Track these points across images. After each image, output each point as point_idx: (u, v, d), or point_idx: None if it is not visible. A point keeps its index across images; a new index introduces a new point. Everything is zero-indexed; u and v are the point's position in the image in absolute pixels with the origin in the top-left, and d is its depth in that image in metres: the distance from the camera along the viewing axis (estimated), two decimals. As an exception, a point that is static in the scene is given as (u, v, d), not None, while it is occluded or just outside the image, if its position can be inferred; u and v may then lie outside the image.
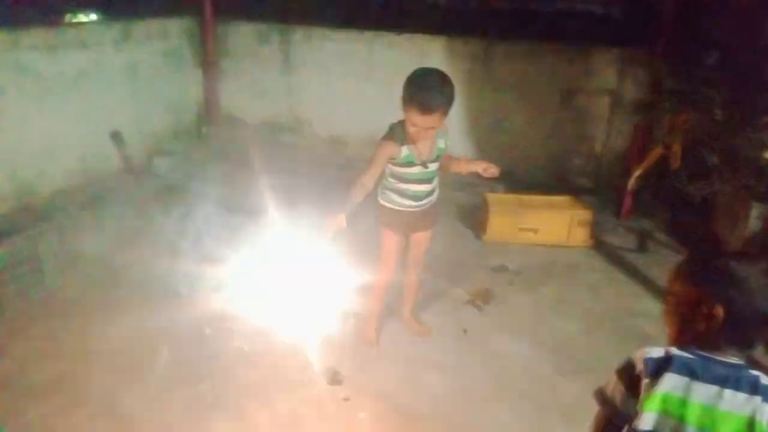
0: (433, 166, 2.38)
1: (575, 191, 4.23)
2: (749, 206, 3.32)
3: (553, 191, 4.17)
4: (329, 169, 4.97)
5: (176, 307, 2.93)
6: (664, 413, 1.22)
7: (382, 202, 2.51)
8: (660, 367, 1.23)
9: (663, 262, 3.68)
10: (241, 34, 5.18)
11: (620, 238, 3.99)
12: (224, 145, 5.14)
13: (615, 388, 1.32)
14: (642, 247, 3.92)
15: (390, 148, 2.30)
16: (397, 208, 2.45)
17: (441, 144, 2.38)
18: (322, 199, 4.23)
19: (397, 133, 2.32)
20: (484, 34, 4.56)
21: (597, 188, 4.61)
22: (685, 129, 3.58)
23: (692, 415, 1.19)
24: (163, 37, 4.84)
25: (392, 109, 4.86)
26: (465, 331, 2.88)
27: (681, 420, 1.20)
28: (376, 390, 2.45)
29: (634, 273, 3.55)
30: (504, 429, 2.28)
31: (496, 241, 3.81)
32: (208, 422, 2.25)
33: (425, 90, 2.16)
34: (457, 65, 4.69)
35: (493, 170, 2.41)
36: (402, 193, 2.42)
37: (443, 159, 2.44)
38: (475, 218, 4.10)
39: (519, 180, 4.49)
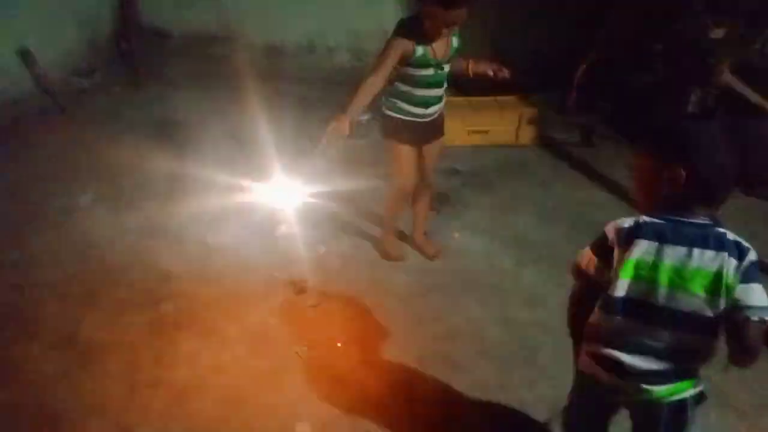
0: (447, 68, 2.21)
1: (521, 89, 4.21)
2: (690, 91, 3.40)
3: (500, 91, 4.12)
4: (270, 81, 4.70)
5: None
6: (637, 278, 1.26)
7: (388, 112, 2.32)
8: (631, 236, 1.26)
9: (607, 155, 3.79)
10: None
11: (566, 134, 4.05)
12: (148, 60, 4.72)
13: (589, 261, 1.36)
14: (587, 142, 4.01)
15: (403, 46, 2.08)
16: (406, 118, 2.28)
17: (455, 42, 2.20)
18: (272, 115, 4.11)
19: (411, 30, 2.09)
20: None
21: (541, 85, 4.60)
22: (627, 17, 3.58)
23: (664, 276, 1.24)
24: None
25: (331, 14, 4.67)
26: (425, 233, 2.89)
27: (653, 282, 1.25)
28: (343, 295, 2.45)
29: (581, 167, 3.64)
30: (473, 318, 2.35)
31: (447, 145, 3.76)
32: (175, 340, 2.19)
33: None
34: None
35: (504, 72, 2.24)
36: (411, 100, 2.24)
37: (453, 61, 2.25)
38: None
39: (468, 85, 4.40)
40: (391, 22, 4.68)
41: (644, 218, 1.28)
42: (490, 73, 2.24)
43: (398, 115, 2.29)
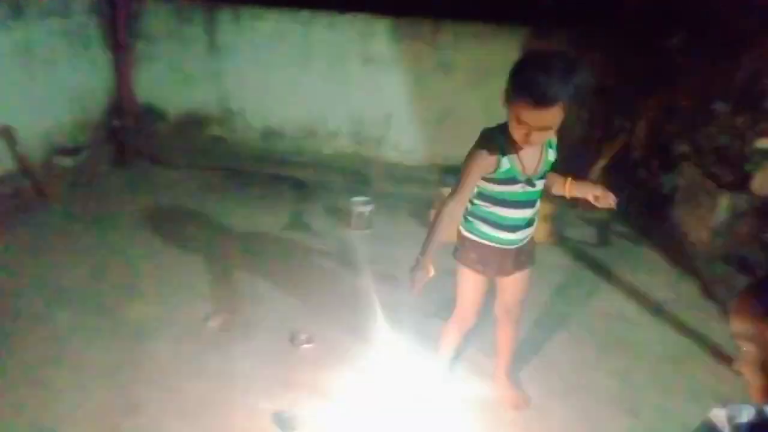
0: (540, 185, 1.85)
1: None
2: (716, 195, 3.18)
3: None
4: (266, 166, 4.49)
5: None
6: None
7: (465, 233, 1.96)
8: None
9: (625, 256, 3.53)
10: (158, 13, 4.53)
11: (580, 231, 3.80)
12: (140, 139, 4.51)
13: None
14: (603, 241, 3.75)
15: (486, 160, 1.75)
16: (487, 243, 1.91)
17: (551, 156, 1.86)
18: (272, 201, 3.89)
19: (495, 139, 1.76)
20: (433, 13, 4.19)
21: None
22: (650, 115, 3.42)
23: None
24: (64, 14, 4.13)
25: (332, 97, 4.53)
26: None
27: None
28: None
29: (600, 270, 3.35)
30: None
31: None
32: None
33: (541, 71, 1.59)
34: (404, 48, 4.32)
35: (610, 200, 1.86)
36: (495, 222, 1.87)
37: (548, 176, 1.91)
38: (427, 215, 3.78)
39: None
40: (394, 107, 4.64)
41: (757, 411, 0.96)
42: (592, 199, 1.88)
43: (477, 239, 1.92)
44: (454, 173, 4.63)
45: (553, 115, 1.62)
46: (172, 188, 4.08)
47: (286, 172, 4.44)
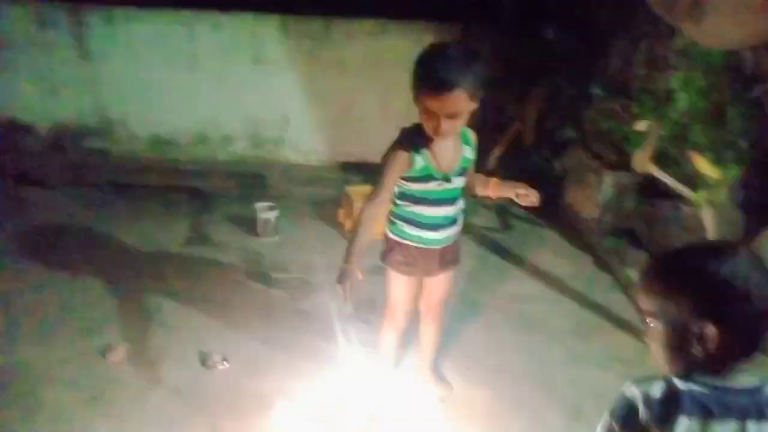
0: (457, 182, 1.84)
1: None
2: (602, 175, 3.43)
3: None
4: (157, 177, 4.21)
5: None
6: None
7: (390, 235, 1.93)
8: (668, 410, 1.00)
9: (526, 238, 3.71)
10: (14, 17, 4.07)
11: (483, 218, 3.94)
12: (5, 158, 4.05)
13: None
14: (505, 225, 3.92)
15: (401, 159, 1.74)
16: (412, 244, 1.89)
17: (468, 153, 1.86)
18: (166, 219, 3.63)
19: (410, 138, 1.76)
20: (324, 11, 4.13)
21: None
22: (537, 104, 3.60)
23: None
24: None
25: (224, 100, 4.33)
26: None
27: None
28: None
29: (505, 254, 3.50)
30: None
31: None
32: None
33: (440, 59, 1.62)
34: (296, 47, 4.22)
35: (533, 198, 1.87)
36: (418, 222, 1.86)
37: (468, 176, 1.91)
38: (335, 215, 3.74)
39: (373, 169, 4.20)
40: (291, 107, 4.53)
41: (679, 384, 1.02)
42: (515, 197, 1.88)
43: (401, 239, 1.91)
44: (358, 171, 4.63)
45: (456, 102, 1.62)
46: (49, 209, 3.69)
47: (180, 183, 4.19)
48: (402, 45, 4.11)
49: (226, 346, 2.46)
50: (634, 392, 1.05)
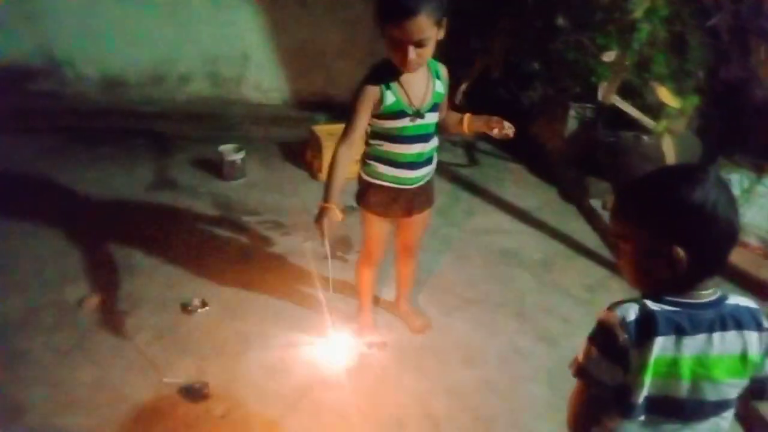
0: (430, 117, 1.81)
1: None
2: (567, 108, 3.48)
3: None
4: (113, 120, 4.03)
5: None
6: (656, 375, 1.07)
7: (365, 176, 1.91)
8: (644, 331, 1.06)
9: (493, 172, 3.77)
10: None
11: (450, 154, 3.96)
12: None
13: (600, 365, 1.10)
14: (472, 160, 3.96)
15: (370, 94, 1.72)
16: (386, 184, 1.88)
17: (439, 87, 1.82)
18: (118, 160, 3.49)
19: (378, 73, 1.73)
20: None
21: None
22: (504, 37, 3.56)
23: (686, 370, 1.07)
24: None
25: (180, 38, 4.10)
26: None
27: (675, 377, 1.07)
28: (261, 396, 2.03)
29: (473, 188, 3.55)
30: (417, 394, 2.07)
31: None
32: None
33: None
34: (253, -22, 4.00)
35: (507, 129, 1.80)
36: (391, 160, 1.84)
37: (441, 112, 1.88)
38: (304, 155, 3.69)
39: (339, 107, 4.13)
40: (250, 44, 4.35)
41: (652, 305, 1.09)
42: (491, 131, 1.83)
43: (377, 180, 1.89)
44: (322, 108, 4.52)
45: (421, 28, 1.59)
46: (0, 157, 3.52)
47: (138, 125, 4.02)
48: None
49: (203, 290, 2.46)
50: (610, 318, 1.09)
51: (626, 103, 3.01)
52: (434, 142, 1.89)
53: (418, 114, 1.79)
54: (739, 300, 1.11)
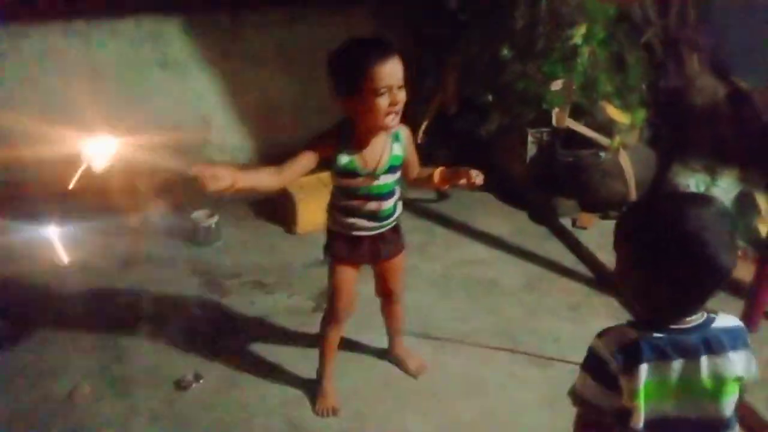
0: (386, 178, 1.86)
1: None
2: (524, 134, 3.62)
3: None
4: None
5: None
6: (649, 399, 1.12)
7: (329, 225, 1.99)
8: (630, 358, 1.12)
9: (463, 203, 3.85)
10: None
11: (418, 192, 4.04)
12: None
13: (596, 392, 1.17)
14: (441, 194, 4.05)
15: (322, 148, 1.79)
16: (348, 232, 1.94)
17: (397, 150, 1.85)
18: None
19: (338, 131, 1.80)
20: (229, 5, 3.99)
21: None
22: (454, 73, 3.71)
23: (675, 392, 1.13)
24: None
25: (136, 111, 4.12)
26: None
27: (666, 400, 1.13)
28: None
29: (446, 222, 3.63)
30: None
31: (311, 230, 3.50)
32: None
33: (364, 40, 1.72)
34: (204, 43, 4.08)
35: (479, 179, 1.82)
36: (350, 211, 1.91)
37: (407, 170, 1.93)
38: (277, 211, 3.71)
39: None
40: (209, 108, 4.38)
41: (634, 332, 1.15)
42: (464, 182, 1.81)
43: (338, 229, 1.96)
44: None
45: (400, 67, 1.68)
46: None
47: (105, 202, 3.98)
48: (313, 32, 4.08)
49: (195, 363, 2.43)
50: (599, 346, 1.16)
51: (579, 124, 3.16)
52: (393, 199, 1.94)
53: (372, 176, 1.84)
54: (726, 320, 1.16)
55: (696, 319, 1.14)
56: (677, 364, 1.12)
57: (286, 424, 2.13)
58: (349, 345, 2.45)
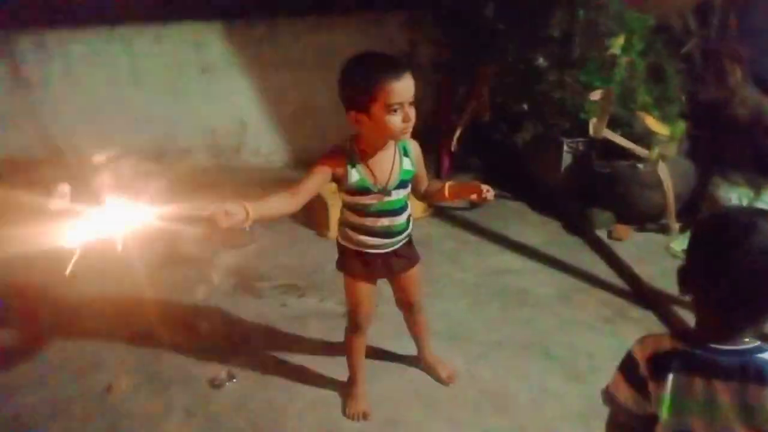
0: (398, 194, 1.84)
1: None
2: (560, 144, 3.59)
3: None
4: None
5: None
6: (674, 413, 1.12)
7: (340, 240, 1.99)
8: (660, 365, 1.12)
9: (497, 212, 3.82)
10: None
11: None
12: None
13: (624, 391, 1.19)
14: (473, 203, 4.04)
15: (332, 167, 1.77)
16: (358, 248, 1.93)
17: (407, 165, 1.84)
18: None
19: (346, 149, 1.79)
20: (267, 13, 4.08)
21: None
22: (488, 82, 3.71)
23: (695, 409, 1.10)
24: None
25: (177, 113, 4.23)
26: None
27: (687, 414, 1.11)
28: None
29: (478, 231, 3.62)
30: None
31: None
32: None
33: (376, 56, 1.72)
34: (243, 52, 4.17)
35: (490, 193, 1.79)
36: (364, 229, 1.89)
37: (416, 185, 1.92)
38: (310, 215, 3.75)
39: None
40: (246, 113, 4.48)
41: (673, 342, 1.14)
42: (474, 197, 1.82)
43: (350, 245, 1.95)
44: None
45: (413, 84, 1.67)
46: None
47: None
48: (346, 37, 4.14)
49: (229, 363, 2.47)
50: (636, 349, 1.18)
51: (617, 135, 3.12)
52: (405, 215, 1.92)
53: (384, 191, 1.83)
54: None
55: (742, 344, 1.10)
56: (701, 382, 1.09)
57: (317, 426, 2.15)
58: (379, 351, 2.46)
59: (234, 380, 2.38)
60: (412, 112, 1.69)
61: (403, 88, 1.65)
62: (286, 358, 2.50)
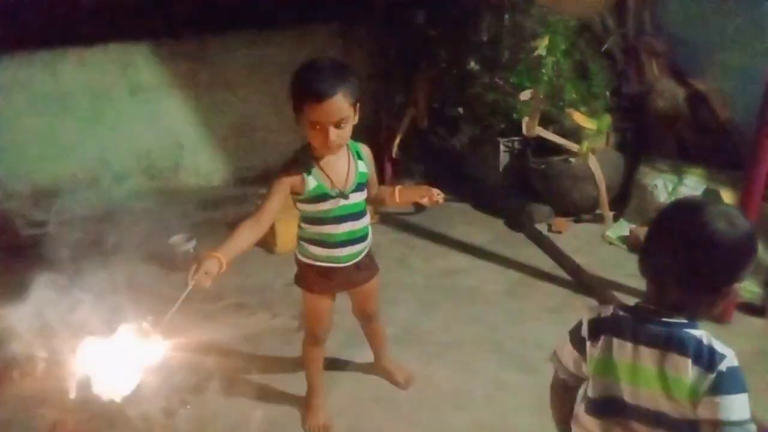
0: (355, 197, 1.85)
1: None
2: (496, 143, 3.70)
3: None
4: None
5: None
6: (600, 375, 1.21)
7: (300, 257, 1.96)
8: (594, 329, 1.22)
9: (442, 214, 3.89)
10: None
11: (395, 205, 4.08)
12: None
13: (568, 351, 1.29)
14: (417, 207, 4.09)
15: (289, 179, 1.76)
16: (319, 264, 1.91)
17: (362, 167, 1.86)
18: None
19: (298, 160, 1.78)
20: (196, 29, 4.01)
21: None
22: (424, 88, 3.78)
23: (622, 374, 1.18)
24: None
25: (106, 138, 4.09)
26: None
27: (614, 379, 1.19)
28: None
29: (425, 233, 3.67)
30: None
31: (291, 249, 3.49)
32: None
33: (315, 71, 1.67)
34: (173, 71, 4.08)
35: (439, 198, 1.86)
36: (323, 242, 1.87)
37: (368, 189, 1.91)
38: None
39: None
40: (181, 132, 4.38)
41: (613, 309, 1.23)
42: (421, 200, 1.89)
43: (311, 261, 1.93)
44: (263, 183, 4.56)
45: (340, 107, 1.66)
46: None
47: (76, 233, 3.92)
48: (280, 51, 4.12)
49: (180, 389, 2.40)
50: (585, 313, 1.27)
51: (548, 132, 3.25)
52: (365, 220, 1.93)
53: (342, 195, 1.83)
54: (715, 343, 1.11)
55: (676, 318, 1.15)
56: (630, 347, 1.16)
57: None
58: (336, 361, 2.46)
59: (188, 407, 2.31)
60: (334, 133, 1.68)
61: (325, 111, 1.65)
62: (241, 378, 2.45)
